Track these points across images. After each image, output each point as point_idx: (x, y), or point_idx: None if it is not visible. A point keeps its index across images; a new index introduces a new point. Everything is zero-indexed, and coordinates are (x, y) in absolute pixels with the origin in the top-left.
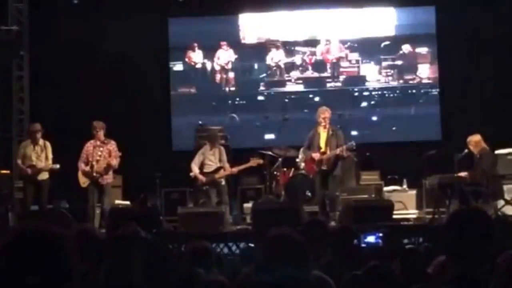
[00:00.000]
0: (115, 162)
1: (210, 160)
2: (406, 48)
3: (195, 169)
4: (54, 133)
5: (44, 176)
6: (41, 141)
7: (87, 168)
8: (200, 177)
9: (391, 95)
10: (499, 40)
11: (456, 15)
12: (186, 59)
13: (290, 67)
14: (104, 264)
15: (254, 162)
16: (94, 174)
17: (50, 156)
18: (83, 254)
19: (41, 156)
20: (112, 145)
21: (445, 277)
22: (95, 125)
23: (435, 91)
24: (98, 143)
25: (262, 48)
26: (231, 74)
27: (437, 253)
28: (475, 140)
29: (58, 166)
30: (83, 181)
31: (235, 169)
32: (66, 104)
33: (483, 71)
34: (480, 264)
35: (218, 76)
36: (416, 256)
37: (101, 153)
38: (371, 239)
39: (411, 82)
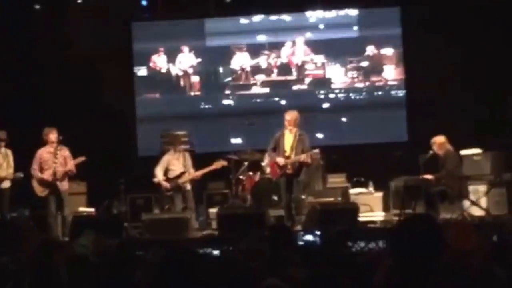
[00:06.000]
0: (73, 167)
1: (174, 165)
2: (371, 49)
3: (159, 175)
4: (13, 139)
5: (6, 184)
6: (3, 149)
7: (46, 176)
8: (164, 183)
9: (357, 97)
10: (465, 41)
11: (421, 16)
12: (151, 64)
13: (255, 70)
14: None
15: (217, 164)
16: (55, 181)
17: (12, 164)
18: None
19: (3, 164)
20: (66, 151)
21: (391, 282)
22: (47, 132)
23: (401, 93)
24: (52, 150)
25: (227, 52)
26: (196, 79)
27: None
28: (439, 141)
29: (22, 175)
30: (41, 190)
31: (198, 173)
32: (26, 110)
33: (448, 72)
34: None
35: (182, 81)
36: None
37: (57, 160)
38: (309, 237)
39: (377, 83)
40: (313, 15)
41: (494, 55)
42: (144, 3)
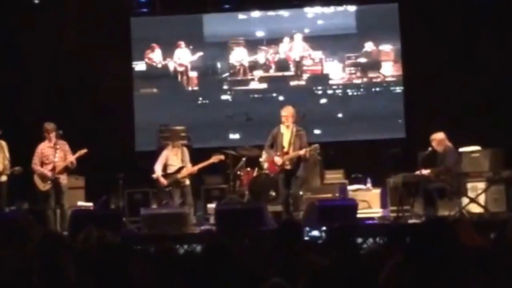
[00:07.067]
0: (74, 159)
1: (172, 161)
2: (369, 45)
3: (157, 171)
4: (12, 133)
5: (3, 178)
6: None
7: (46, 171)
8: (162, 180)
9: (355, 93)
10: (463, 37)
11: (419, 12)
12: (146, 59)
13: (253, 66)
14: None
15: (215, 158)
16: (56, 175)
17: (8, 155)
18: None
19: None
20: (66, 146)
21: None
22: (46, 127)
23: (399, 89)
24: (52, 144)
25: (225, 47)
26: (194, 74)
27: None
28: (438, 138)
29: (21, 169)
30: (43, 185)
31: (196, 167)
32: (25, 104)
33: (447, 69)
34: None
35: (180, 76)
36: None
37: (58, 154)
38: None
39: (374, 80)
40: (311, 11)
41: (493, 51)
42: None
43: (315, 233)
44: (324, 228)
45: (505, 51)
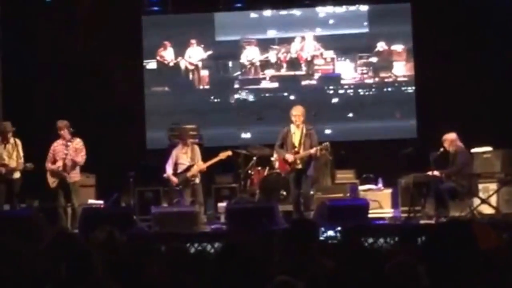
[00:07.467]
0: (80, 159)
1: (182, 159)
2: (381, 45)
3: (168, 171)
4: (25, 131)
5: (16, 175)
6: (11, 140)
7: (54, 167)
8: (173, 178)
9: (367, 93)
10: (475, 37)
11: (431, 12)
12: (158, 58)
13: (265, 65)
14: None
15: (223, 155)
16: (62, 172)
17: (21, 153)
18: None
19: (13, 155)
20: (78, 143)
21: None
22: (59, 124)
23: (410, 89)
24: (64, 142)
25: (237, 46)
26: (205, 72)
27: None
28: (450, 138)
29: (32, 165)
30: (52, 181)
31: (204, 165)
32: (39, 103)
33: (459, 69)
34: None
35: (191, 75)
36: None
37: (68, 151)
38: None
39: (386, 80)
40: (323, 10)
41: (505, 50)
42: None
43: (330, 233)
44: (339, 228)
45: None
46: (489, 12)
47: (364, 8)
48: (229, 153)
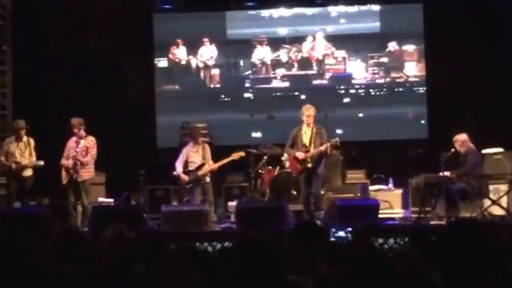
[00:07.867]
0: (87, 158)
1: (193, 158)
2: (392, 45)
3: (178, 168)
4: (36, 129)
5: (28, 172)
6: (24, 138)
7: (67, 163)
8: (183, 176)
9: (378, 93)
10: (487, 37)
11: (443, 12)
12: (170, 56)
13: (276, 64)
14: None
15: (235, 155)
16: (73, 170)
17: (34, 152)
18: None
19: (25, 152)
20: (90, 142)
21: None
22: (73, 122)
23: (422, 89)
24: (77, 139)
25: (248, 45)
26: (216, 71)
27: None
28: (461, 139)
29: (42, 162)
30: (63, 178)
31: (216, 165)
32: (49, 100)
33: (470, 69)
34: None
35: (202, 73)
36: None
37: (79, 149)
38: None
39: (397, 80)
40: (335, 10)
41: None
42: None
43: (341, 233)
44: (349, 229)
45: None
46: (501, 12)
47: (376, 7)
48: (242, 153)
